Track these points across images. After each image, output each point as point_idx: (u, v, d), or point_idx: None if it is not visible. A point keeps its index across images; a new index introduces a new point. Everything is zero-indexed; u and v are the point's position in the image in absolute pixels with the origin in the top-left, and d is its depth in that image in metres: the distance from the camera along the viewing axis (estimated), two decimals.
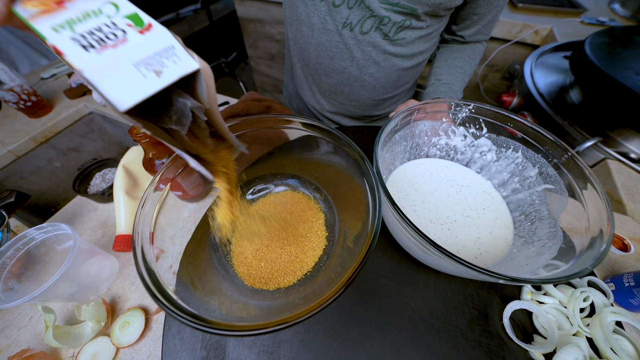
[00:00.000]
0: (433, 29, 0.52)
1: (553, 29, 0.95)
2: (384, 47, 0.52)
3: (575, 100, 0.76)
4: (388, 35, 0.50)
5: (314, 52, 0.57)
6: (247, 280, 0.34)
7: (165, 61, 0.16)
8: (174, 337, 0.33)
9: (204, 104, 0.20)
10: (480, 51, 0.62)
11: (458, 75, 0.58)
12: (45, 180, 0.84)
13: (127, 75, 0.15)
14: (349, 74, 0.57)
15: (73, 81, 0.85)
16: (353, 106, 0.66)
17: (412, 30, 0.49)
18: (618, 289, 0.37)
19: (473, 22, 0.55)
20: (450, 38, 0.61)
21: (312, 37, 0.55)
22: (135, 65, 0.15)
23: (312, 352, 0.32)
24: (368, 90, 0.61)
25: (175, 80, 0.16)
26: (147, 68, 0.15)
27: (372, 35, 0.50)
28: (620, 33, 0.73)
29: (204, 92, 0.19)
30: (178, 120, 0.19)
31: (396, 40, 0.51)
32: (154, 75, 0.15)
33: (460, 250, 0.37)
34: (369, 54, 0.53)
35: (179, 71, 0.16)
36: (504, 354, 0.32)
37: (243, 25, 1.53)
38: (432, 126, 0.46)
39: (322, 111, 0.71)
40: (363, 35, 0.50)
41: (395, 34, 0.49)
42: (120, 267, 0.44)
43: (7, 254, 0.35)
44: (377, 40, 0.51)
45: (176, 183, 0.35)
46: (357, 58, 0.54)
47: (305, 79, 0.67)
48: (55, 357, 0.35)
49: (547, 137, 0.37)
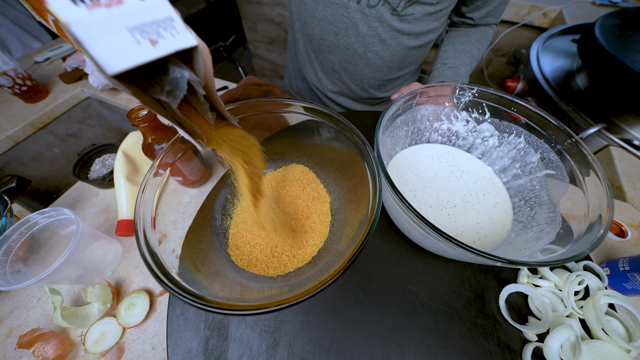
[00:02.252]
0: (443, 6, 0.50)
1: (563, 10, 0.92)
2: (391, 23, 0.50)
3: (581, 85, 0.74)
4: (396, 10, 0.48)
5: (318, 27, 0.55)
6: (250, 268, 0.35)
7: (163, 32, 0.15)
8: (178, 317, 0.35)
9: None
10: (490, 35, 0.60)
11: (465, 59, 0.57)
12: (45, 167, 0.84)
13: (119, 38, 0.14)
14: (353, 51, 0.56)
15: (68, 65, 0.83)
16: (356, 86, 0.64)
17: (421, 5, 0.48)
18: (613, 273, 0.38)
19: (484, 3, 0.53)
20: (459, 21, 0.59)
21: (316, 11, 0.53)
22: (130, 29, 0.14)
23: (313, 332, 0.33)
24: (372, 70, 0.59)
25: (172, 52, 0.16)
26: (142, 35, 0.15)
27: (379, 9, 0.48)
28: (633, 14, 0.71)
29: (200, 69, 0.18)
30: (170, 92, 0.18)
31: (404, 16, 0.49)
32: (148, 44, 0.15)
33: (459, 234, 0.38)
34: (375, 29, 0.51)
35: (176, 44, 0.16)
36: (498, 334, 0.33)
37: (241, 7, 1.48)
38: (434, 111, 0.45)
39: (324, 91, 0.69)
40: (370, 8, 0.48)
41: (404, 8, 0.48)
42: (123, 251, 0.45)
43: (12, 238, 0.35)
44: (385, 15, 0.49)
45: (176, 168, 0.35)
46: (363, 34, 0.52)
47: (307, 56, 0.65)
48: (64, 336, 0.36)
49: (551, 121, 0.36)
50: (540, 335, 0.33)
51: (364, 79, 0.62)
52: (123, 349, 0.35)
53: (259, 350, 0.32)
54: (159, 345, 0.36)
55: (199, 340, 0.33)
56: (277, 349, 0.32)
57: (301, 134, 0.40)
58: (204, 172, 0.43)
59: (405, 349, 0.32)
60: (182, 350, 0.32)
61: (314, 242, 0.36)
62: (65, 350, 0.35)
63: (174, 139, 0.32)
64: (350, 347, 0.32)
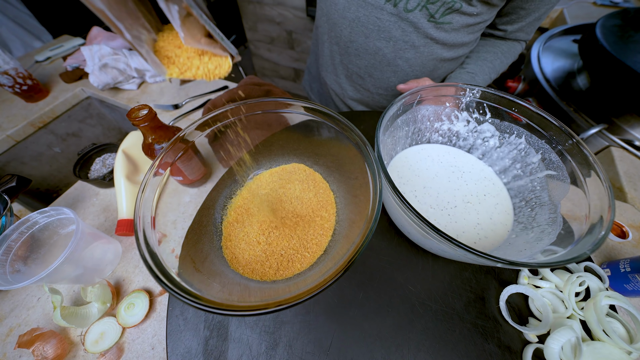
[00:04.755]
0: (482, 18, 0.48)
1: (564, 10, 0.92)
2: (426, 30, 0.48)
3: (582, 86, 0.74)
4: (434, 17, 0.46)
5: (348, 29, 0.53)
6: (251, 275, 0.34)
7: None
8: (178, 317, 0.34)
9: None
10: (517, 51, 0.58)
11: (485, 68, 0.55)
12: (46, 166, 0.84)
13: None
14: (382, 56, 0.54)
15: (69, 64, 0.83)
16: (379, 95, 0.62)
17: (460, 15, 0.46)
18: (614, 274, 0.38)
19: (519, 17, 0.51)
20: (490, 32, 0.57)
21: (348, 11, 0.51)
22: None
23: (312, 332, 0.33)
24: (399, 78, 0.57)
25: None
26: None
27: (416, 14, 0.46)
28: (634, 15, 0.70)
29: None
30: None
31: (441, 24, 0.47)
32: None
33: (460, 235, 0.38)
34: (409, 35, 0.49)
35: None
36: (499, 335, 0.33)
37: (242, 7, 1.48)
38: (434, 111, 0.45)
39: (343, 97, 0.67)
40: (407, 12, 0.47)
41: (442, 15, 0.46)
42: (123, 250, 0.45)
43: (12, 237, 0.35)
44: (421, 21, 0.47)
45: (176, 168, 0.35)
46: (395, 38, 0.50)
47: (331, 59, 0.63)
48: (64, 336, 0.36)
49: (552, 122, 0.36)
50: (540, 336, 0.32)
51: (389, 86, 0.59)
52: (122, 349, 0.35)
53: (259, 351, 0.32)
54: (158, 345, 0.36)
55: (199, 340, 0.33)
56: (276, 349, 0.32)
57: (302, 133, 0.40)
58: (204, 172, 0.43)
59: (405, 350, 0.32)
60: (182, 350, 0.32)
61: (317, 246, 0.36)
62: (65, 349, 0.35)
63: (174, 139, 0.32)
64: (350, 347, 0.32)
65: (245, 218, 0.39)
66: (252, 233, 0.37)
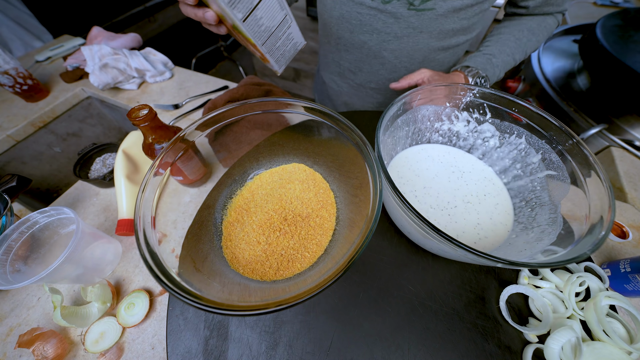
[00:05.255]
0: (473, 0, 0.44)
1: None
2: (407, 19, 0.47)
3: (582, 86, 0.74)
4: (413, 4, 0.44)
5: (335, 26, 0.54)
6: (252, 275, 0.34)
7: None
8: (178, 317, 0.34)
9: None
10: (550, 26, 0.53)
11: (505, 49, 0.51)
12: (46, 166, 0.84)
13: None
14: (368, 49, 0.54)
15: (69, 64, 0.83)
16: (372, 89, 0.62)
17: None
18: (614, 274, 0.38)
19: None
20: (512, 11, 0.54)
21: (334, 10, 0.52)
22: None
23: (312, 332, 0.33)
24: (388, 70, 0.57)
25: None
26: None
27: (394, 4, 0.46)
28: (635, 15, 0.70)
29: None
30: None
31: (422, 11, 0.45)
32: None
33: (460, 235, 0.38)
34: (390, 26, 0.49)
35: None
36: (499, 335, 0.33)
37: None
38: (435, 111, 0.45)
39: (340, 95, 0.69)
40: (385, 4, 0.46)
41: (423, 1, 0.44)
42: (123, 250, 0.45)
43: (12, 237, 0.35)
44: (400, 10, 0.46)
45: (176, 168, 0.35)
46: (378, 30, 0.50)
47: (326, 58, 0.65)
48: (64, 335, 0.36)
49: (552, 122, 0.36)
50: (540, 336, 0.32)
51: (379, 79, 0.60)
52: (123, 349, 0.35)
53: (259, 351, 0.32)
54: (158, 345, 0.36)
55: (199, 340, 0.33)
56: (276, 349, 0.32)
57: (302, 133, 0.40)
58: (204, 172, 0.43)
59: (405, 350, 0.32)
60: (182, 350, 0.32)
61: (317, 246, 0.35)
62: (65, 349, 0.35)
63: (174, 139, 0.32)
64: (350, 347, 0.32)
65: (245, 218, 0.39)
66: (252, 233, 0.37)
